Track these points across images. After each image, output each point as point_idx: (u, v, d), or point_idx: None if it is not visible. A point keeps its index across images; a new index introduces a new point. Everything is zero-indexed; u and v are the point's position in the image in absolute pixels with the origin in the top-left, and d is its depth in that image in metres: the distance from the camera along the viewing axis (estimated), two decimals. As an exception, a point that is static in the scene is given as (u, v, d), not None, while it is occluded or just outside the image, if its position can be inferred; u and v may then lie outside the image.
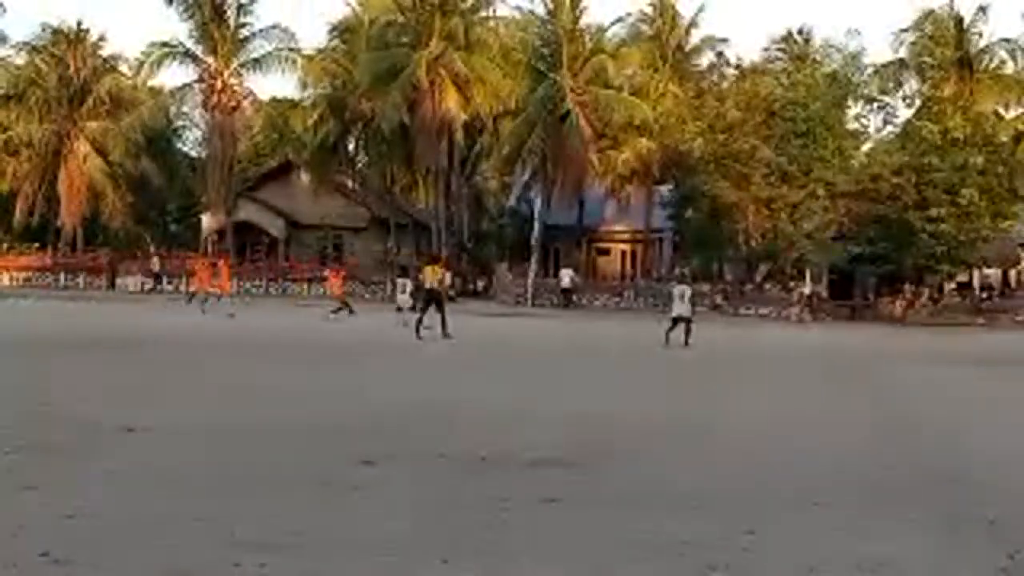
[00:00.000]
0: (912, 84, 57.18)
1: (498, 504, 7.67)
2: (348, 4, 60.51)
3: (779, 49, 59.93)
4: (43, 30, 59.38)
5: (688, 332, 26.98)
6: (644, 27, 59.84)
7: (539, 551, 6.58)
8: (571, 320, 40.86)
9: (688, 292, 28.34)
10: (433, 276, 27.17)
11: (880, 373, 22.38)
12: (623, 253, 63.27)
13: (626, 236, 62.26)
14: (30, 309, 35.07)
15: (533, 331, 32.69)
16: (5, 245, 61.04)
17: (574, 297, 50.82)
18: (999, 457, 11.04)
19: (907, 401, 16.86)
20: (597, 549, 6.67)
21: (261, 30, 56.95)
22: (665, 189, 57.63)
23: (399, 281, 34.86)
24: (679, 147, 52.51)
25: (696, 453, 10.70)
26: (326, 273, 43.00)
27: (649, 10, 59.91)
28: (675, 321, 27.45)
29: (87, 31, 59.40)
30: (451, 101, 52.64)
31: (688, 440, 11.51)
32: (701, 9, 61.90)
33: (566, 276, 51.19)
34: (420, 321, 26.29)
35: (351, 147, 63.16)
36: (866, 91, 55.74)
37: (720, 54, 60.78)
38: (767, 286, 52.55)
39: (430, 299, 26.65)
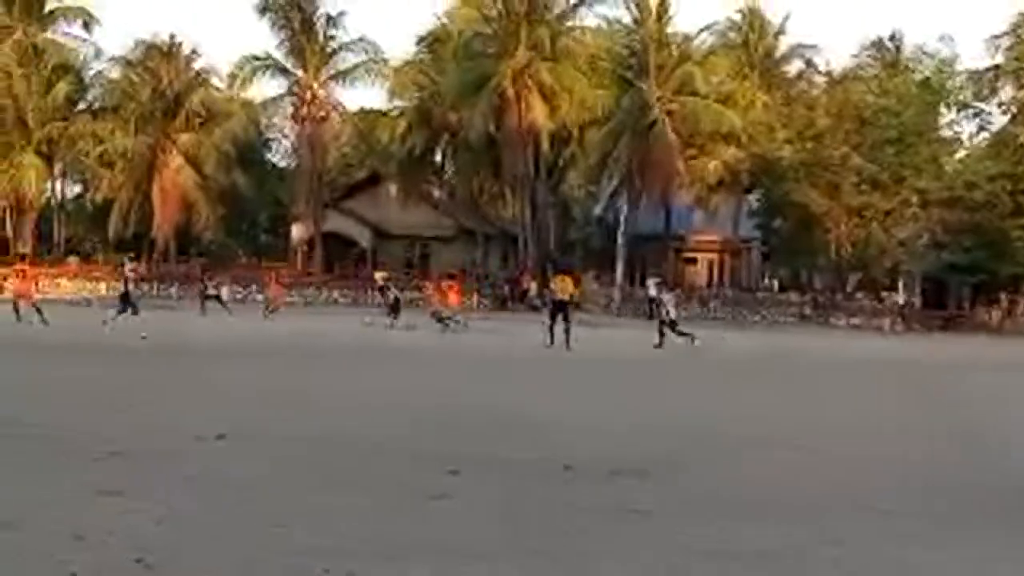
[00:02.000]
0: (1008, 90, 55.95)
1: (580, 513, 7.62)
2: (435, 15, 60.97)
3: (870, 55, 59.16)
4: (136, 44, 60.59)
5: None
6: (732, 35, 59.38)
7: (621, 560, 6.51)
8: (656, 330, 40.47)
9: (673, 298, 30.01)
10: (562, 287, 27.31)
11: (974, 384, 21.94)
12: (710, 262, 62.81)
13: (714, 245, 61.82)
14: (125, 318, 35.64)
15: (617, 340, 32.52)
16: (102, 255, 62.34)
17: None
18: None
19: (1000, 412, 16.49)
20: (679, 559, 6.58)
21: (349, 42, 57.61)
22: (753, 198, 57.14)
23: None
24: (768, 155, 52.03)
25: (779, 462, 10.55)
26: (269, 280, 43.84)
27: (737, 18, 59.50)
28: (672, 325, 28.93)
29: (180, 45, 60.48)
30: (537, 111, 52.65)
31: (771, 449, 11.35)
32: (789, 16, 61.31)
33: (653, 285, 50.77)
34: (551, 328, 26.45)
35: (438, 157, 63.51)
36: (960, 97, 54.69)
37: (809, 61, 60.20)
38: (859, 295, 51.79)
39: (557, 310, 26.78)
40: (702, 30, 57.76)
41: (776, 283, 62.47)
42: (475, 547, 6.66)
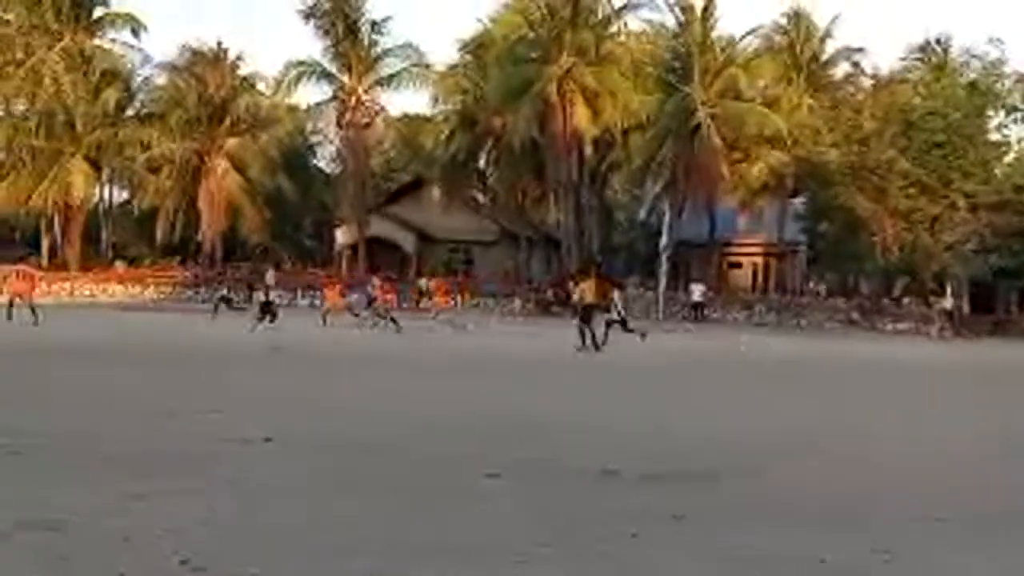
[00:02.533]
0: (1057, 93, 55.25)
1: (625, 519, 7.58)
2: (479, 20, 61.07)
3: (917, 58, 58.66)
4: (183, 51, 61.10)
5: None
6: (778, 38, 59.00)
7: (665, 566, 6.47)
8: (700, 335, 40.36)
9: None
10: (588, 290, 27.69)
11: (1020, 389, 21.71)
12: (755, 266, 62.47)
13: (759, 249, 61.49)
14: (166, 322, 35.94)
15: (660, 346, 32.38)
16: (148, 260, 62.88)
17: (704, 311, 50.18)
18: None
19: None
20: (720, 566, 6.53)
21: (394, 48, 57.78)
22: (799, 201, 56.80)
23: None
24: (813, 159, 51.69)
25: (824, 469, 10.46)
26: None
27: (783, 21, 59.15)
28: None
29: (226, 51, 60.88)
30: (581, 115, 52.63)
31: (811, 455, 11.26)
32: (836, 19, 60.76)
33: (697, 290, 50.59)
34: (594, 334, 26.67)
35: (482, 162, 63.56)
36: (1008, 100, 54.05)
37: (856, 64, 59.73)
38: (906, 300, 51.31)
39: (586, 313, 27.07)
40: (747, 34, 57.49)
41: (822, 288, 62.04)
42: (515, 550, 6.64)
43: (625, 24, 57.15)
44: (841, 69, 60.15)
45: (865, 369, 26.79)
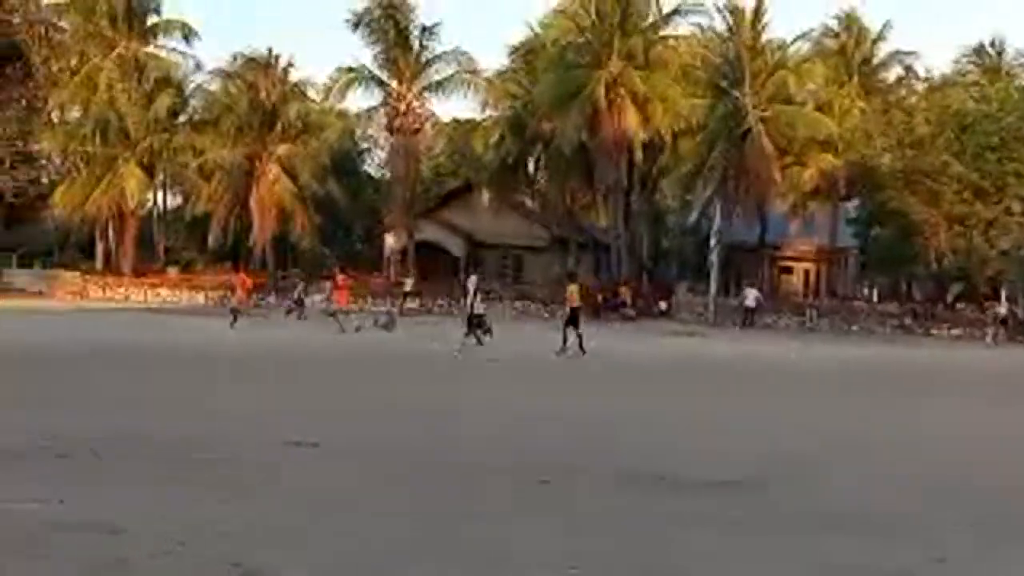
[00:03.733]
0: (1115, 95, 54.41)
1: (677, 526, 7.55)
2: (528, 25, 61.08)
3: (970, 61, 58.04)
4: (235, 58, 61.56)
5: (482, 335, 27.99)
6: (829, 42, 58.65)
7: (718, 573, 6.44)
8: (751, 340, 40.13)
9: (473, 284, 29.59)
10: (574, 295, 28.04)
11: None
12: (807, 271, 62.03)
13: (810, 254, 61.05)
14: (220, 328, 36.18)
15: (712, 351, 32.23)
16: (200, 265, 63.43)
17: (755, 317, 49.76)
18: None
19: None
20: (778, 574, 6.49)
21: (443, 54, 57.85)
22: (851, 206, 56.35)
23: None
24: (866, 163, 51.29)
25: (879, 475, 10.36)
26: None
27: (834, 24, 58.78)
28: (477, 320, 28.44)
29: (277, 58, 61.24)
30: (630, 120, 52.42)
31: (870, 462, 11.17)
32: (888, 23, 60.13)
33: (751, 295, 50.18)
34: (566, 335, 26.87)
35: (531, 167, 63.51)
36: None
37: (909, 67, 59.23)
38: (960, 306, 50.73)
39: (573, 317, 27.28)
40: (798, 37, 57.11)
41: (875, 293, 61.50)
42: (573, 560, 6.62)
43: (675, 29, 56.97)
44: (893, 72, 59.77)
45: (918, 374, 26.51)
